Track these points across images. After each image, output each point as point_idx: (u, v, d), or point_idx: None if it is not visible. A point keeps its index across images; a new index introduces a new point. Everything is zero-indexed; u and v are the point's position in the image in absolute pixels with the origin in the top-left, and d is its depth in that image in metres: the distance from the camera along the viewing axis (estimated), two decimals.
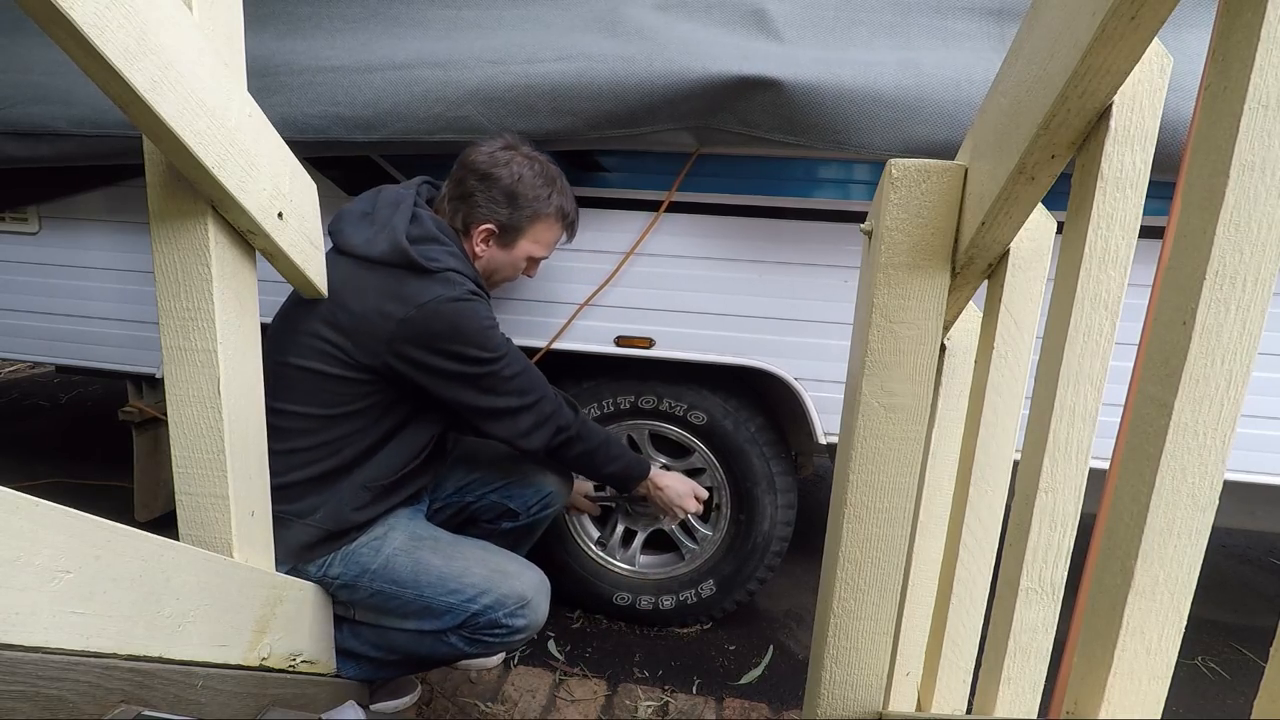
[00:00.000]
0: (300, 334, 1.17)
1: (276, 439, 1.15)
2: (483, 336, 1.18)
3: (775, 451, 1.65)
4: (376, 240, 1.17)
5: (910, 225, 0.70)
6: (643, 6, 1.39)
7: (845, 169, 1.44)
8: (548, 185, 1.28)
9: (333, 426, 1.18)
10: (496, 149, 1.27)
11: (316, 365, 1.16)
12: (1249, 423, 1.44)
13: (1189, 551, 0.46)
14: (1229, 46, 0.40)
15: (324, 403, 1.17)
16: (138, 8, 0.67)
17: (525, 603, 1.23)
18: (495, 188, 1.25)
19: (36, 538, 0.62)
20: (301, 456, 1.17)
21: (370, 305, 1.14)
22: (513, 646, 1.29)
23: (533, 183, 1.26)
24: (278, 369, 1.17)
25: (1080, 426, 0.58)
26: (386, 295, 1.14)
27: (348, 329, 1.14)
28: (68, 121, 1.47)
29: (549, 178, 1.29)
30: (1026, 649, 0.64)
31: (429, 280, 1.16)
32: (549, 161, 1.30)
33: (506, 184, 1.25)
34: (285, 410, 1.16)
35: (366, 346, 1.14)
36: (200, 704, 0.85)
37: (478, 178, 1.25)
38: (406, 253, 1.15)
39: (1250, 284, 0.41)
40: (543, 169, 1.28)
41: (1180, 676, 1.70)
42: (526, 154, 1.28)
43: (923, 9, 1.35)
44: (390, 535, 1.25)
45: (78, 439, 2.89)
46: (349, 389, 1.17)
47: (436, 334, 1.14)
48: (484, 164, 1.25)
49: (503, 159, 1.25)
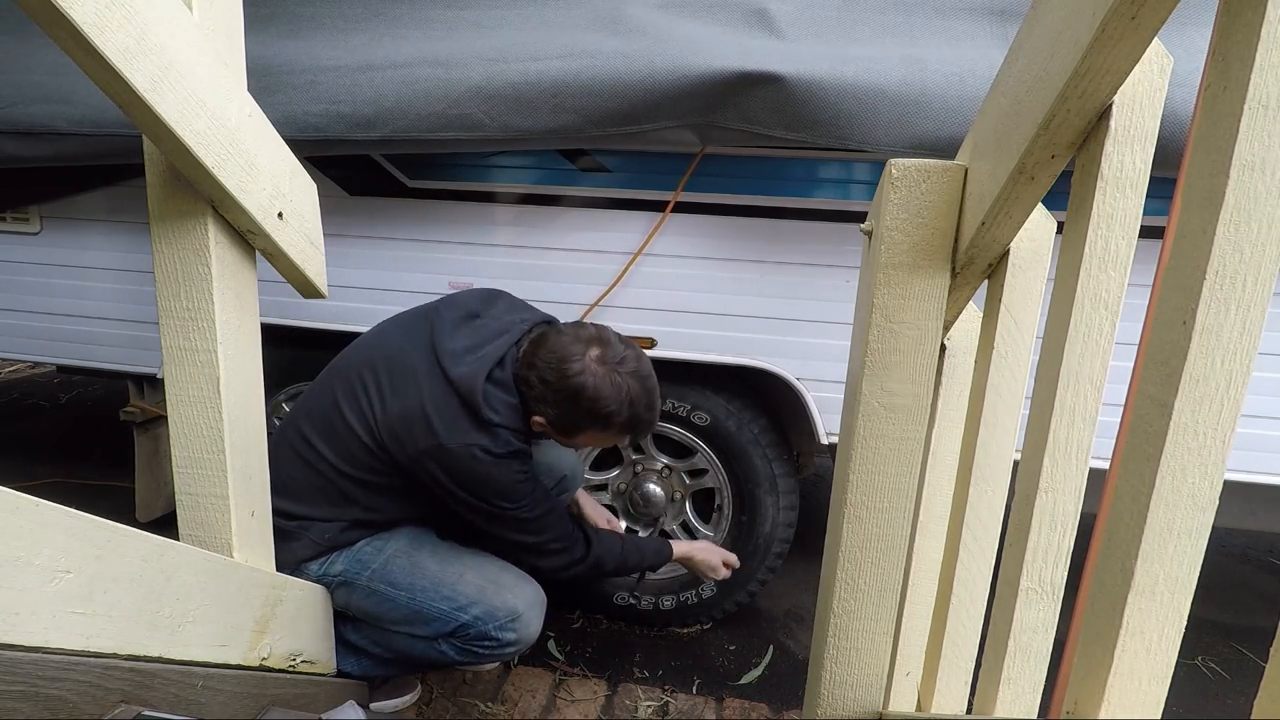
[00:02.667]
0: (357, 384, 1.19)
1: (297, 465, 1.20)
2: (509, 490, 1.18)
3: (777, 453, 1.64)
4: (463, 361, 1.15)
5: (910, 225, 0.70)
6: (644, 5, 1.39)
7: (845, 169, 1.44)
8: (616, 403, 1.15)
9: (345, 481, 1.20)
10: (568, 360, 1.13)
11: (351, 420, 1.18)
12: (1249, 423, 1.44)
13: (1189, 551, 0.46)
14: (1229, 46, 0.40)
15: (345, 458, 1.19)
16: (138, 8, 0.67)
17: (516, 616, 1.23)
18: (554, 399, 1.15)
19: (36, 538, 0.63)
20: (311, 495, 1.20)
21: (421, 412, 1.13)
22: (503, 659, 1.30)
23: (599, 401, 1.14)
24: (328, 408, 1.20)
25: (1080, 426, 0.58)
26: (440, 416, 1.13)
27: (390, 415, 1.15)
28: (68, 121, 1.47)
29: (620, 398, 1.15)
30: (1026, 649, 0.64)
31: (480, 431, 1.14)
32: (624, 370, 1.16)
33: (568, 401, 1.14)
34: (316, 447, 1.20)
35: (398, 443, 1.15)
36: (200, 704, 0.85)
37: (542, 381, 1.15)
38: (475, 398, 1.13)
39: (1250, 284, 0.41)
40: (611, 390, 1.14)
41: (1180, 676, 1.70)
42: (596, 369, 1.14)
43: (925, 9, 1.35)
44: (394, 538, 1.26)
45: (78, 439, 2.89)
46: (367, 458, 1.18)
47: (466, 475, 1.15)
48: (551, 374, 1.14)
49: (571, 369, 1.13)
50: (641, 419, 1.19)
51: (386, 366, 1.19)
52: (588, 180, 1.52)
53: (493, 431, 1.15)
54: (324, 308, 1.65)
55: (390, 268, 1.64)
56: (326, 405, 1.21)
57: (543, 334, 1.20)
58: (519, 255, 1.58)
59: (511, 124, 1.35)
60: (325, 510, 1.21)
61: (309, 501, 1.20)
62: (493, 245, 1.59)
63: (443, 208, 1.59)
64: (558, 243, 1.56)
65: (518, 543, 1.25)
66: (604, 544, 1.35)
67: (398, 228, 1.62)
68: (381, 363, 1.20)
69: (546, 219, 1.56)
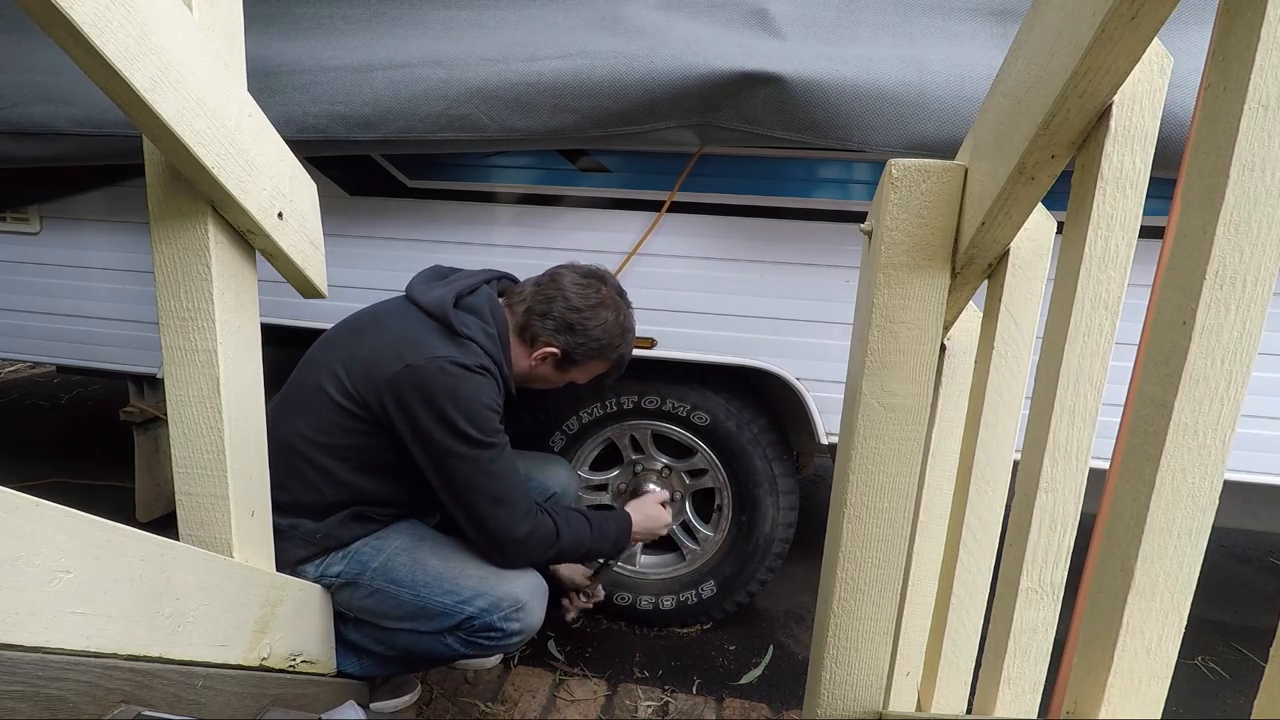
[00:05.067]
0: (330, 355, 1.22)
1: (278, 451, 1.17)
2: (476, 413, 1.15)
3: (777, 453, 1.64)
4: (431, 291, 1.21)
5: (910, 225, 0.70)
6: (644, 5, 1.39)
7: (845, 169, 1.44)
8: (621, 335, 1.30)
9: (325, 454, 1.20)
10: (588, 286, 1.27)
11: (326, 386, 1.20)
12: (1249, 423, 1.44)
13: (1189, 551, 0.46)
14: (1229, 46, 0.40)
15: (321, 429, 1.20)
16: (138, 8, 0.67)
17: (520, 606, 1.23)
18: (575, 321, 1.25)
19: (36, 538, 0.63)
20: (298, 479, 1.20)
21: (391, 343, 1.17)
22: (509, 649, 1.29)
23: (610, 329, 1.28)
24: (305, 382, 1.23)
25: (1080, 426, 0.58)
26: (406, 339, 1.17)
27: (361, 358, 1.18)
28: (69, 121, 1.47)
29: (624, 329, 1.31)
30: (1026, 649, 0.64)
31: (449, 342, 1.17)
32: (629, 311, 1.33)
33: (588, 323, 1.26)
34: (295, 426, 1.21)
35: (369, 379, 1.17)
36: (200, 704, 0.85)
37: (565, 305, 1.25)
38: (445, 311, 1.18)
39: (1250, 284, 0.41)
40: (621, 320, 1.30)
41: (1180, 676, 1.70)
42: (613, 299, 1.29)
43: (925, 10, 1.35)
44: (391, 536, 1.26)
45: (78, 439, 2.89)
46: (343, 420, 1.19)
47: (434, 389, 1.13)
48: (575, 297, 1.26)
49: (592, 298, 1.27)
50: (628, 355, 1.36)
51: (355, 328, 1.24)
52: (588, 180, 1.52)
53: (462, 344, 1.18)
54: (324, 308, 1.65)
55: (390, 268, 1.63)
56: (299, 386, 1.24)
57: (555, 270, 1.30)
58: (519, 255, 1.58)
59: (511, 124, 1.35)
60: (308, 495, 1.20)
61: (290, 490, 1.19)
62: (492, 245, 1.59)
63: (443, 208, 1.59)
64: (558, 243, 1.56)
65: (473, 508, 1.19)
66: (571, 525, 1.31)
67: (398, 228, 1.62)
68: (349, 334, 1.25)
69: (546, 219, 1.56)
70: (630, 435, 1.72)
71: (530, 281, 1.31)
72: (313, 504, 1.21)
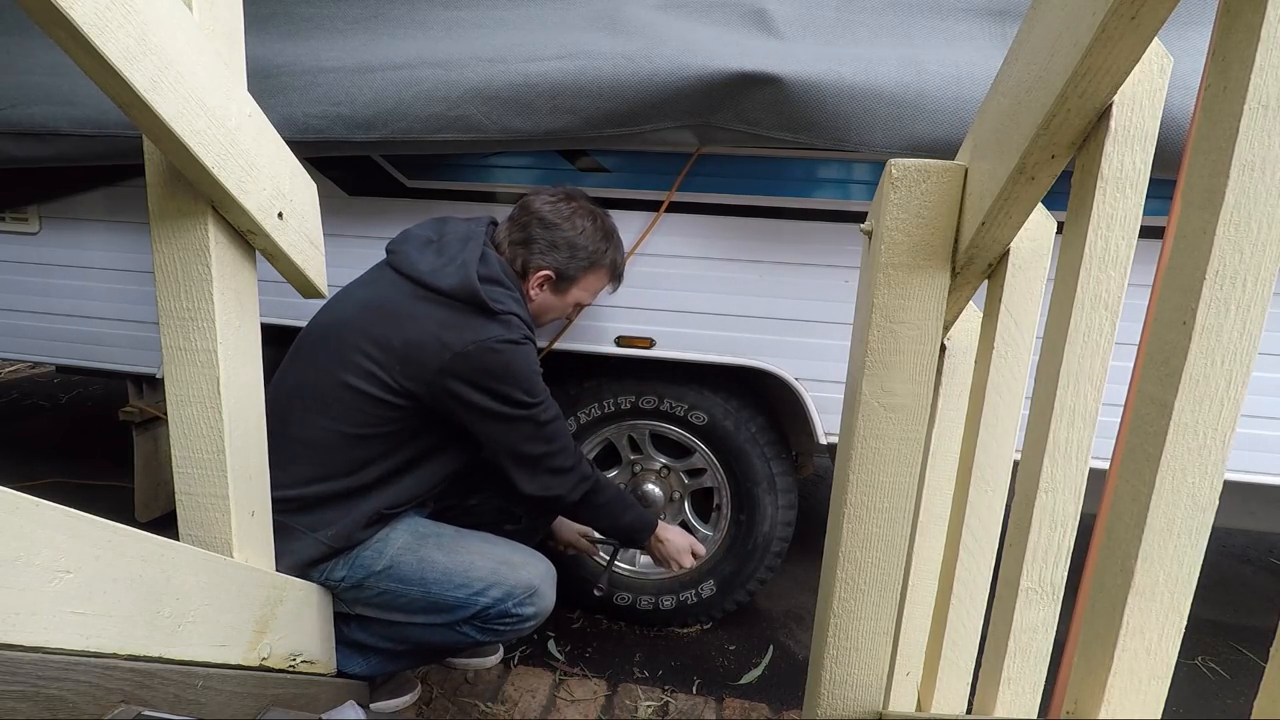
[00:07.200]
0: (347, 348, 1.20)
1: (304, 450, 1.18)
2: (529, 381, 1.21)
3: (776, 452, 1.64)
4: (445, 272, 1.20)
5: (910, 225, 0.70)
6: (643, 5, 1.39)
7: (845, 169, 1.44)
8: (605, 239, 1.33)
9: (359, 446, 1.19)
10: (559, 200, 1.31)
11: (356, 383, 1.18)
12: (1249, 423, 1.44)
13: (1189, 551, 0.46)
14: (1229, 46, 0.40)
15: (356, 421, 1.19)
16: (138, 8, 0.67)
17: (533, 591, 1.25)
18: (558, 237, 1.29)
19: (36, 538, 0.63)
20: (324, 471, 1.19)
21: (429, 333, 1.17)
22: (524, 633, 1.31)
23: (593, 235, 1.31)
24: (320, 381, 1.20)
25: (1080, 426, 0.58)
26: (447, 326, 1.17)
27: (399, 352, 1.17)
28: (69, 122, 1.47)
29: (606, 232, 1.34)
30: (1026, 649, 0.64)
31: (491, 321, 1.19)
32: (606, 215, 1.36)
33: (569, 235, 1.29)
34: (317, 423, 1.19)
35: (415, 372, 1.16)
36: (200, 704, 0.85)
37: (542, 226, 1.29)
38: (476, 292, 1.18)
39: (1250, 284, 0.41)
40: (602, 223, 1.33)
41: (1180, 676, 1.70)
42: (587, 207, 1.33)
43: (923, 10, 1.35)
44: (392, 536, 1.25)
45: (78, 439, 2.89)
46: (382, 411, 1.18)
47: (488, 371, 1.17)
48: (548, 213, 1.29)
49: (565, 210, 1.30)
50: (622, 261, 1.40)
51: (368, 320, 1.21)
52: (587, 180, 1.52)
53: (502, 319, 1.19)
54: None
55: None
56: (315, 380, 1.21)
57: (523, 199, 1.33)
58: None
59: (510, 125, 1.35)
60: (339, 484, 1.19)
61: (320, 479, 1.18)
62: None
63: (442, 208, 1.59)
64: None
65: (534, 454, 1.24)
66: (603, 479, 1.37)
67: (397, 228, 1.60)
68: (359, 324, 1.21)
69: None
70: (628, 435, 1.72)
71: (505, 219, 1.34)
72: (324, 495, 1.19)
